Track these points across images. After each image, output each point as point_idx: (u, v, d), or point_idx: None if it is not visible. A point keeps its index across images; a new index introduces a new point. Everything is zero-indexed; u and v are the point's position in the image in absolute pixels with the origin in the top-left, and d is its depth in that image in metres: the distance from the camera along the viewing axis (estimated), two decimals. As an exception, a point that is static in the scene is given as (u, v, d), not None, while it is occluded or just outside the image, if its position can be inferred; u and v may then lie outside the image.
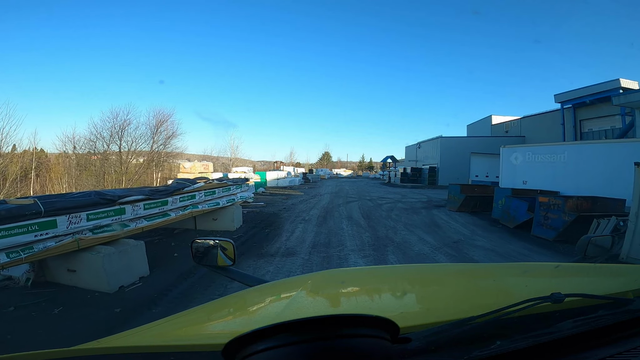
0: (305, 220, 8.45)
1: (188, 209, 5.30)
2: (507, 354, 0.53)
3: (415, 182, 27.16)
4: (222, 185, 6.60)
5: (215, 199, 6.30)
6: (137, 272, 3.93)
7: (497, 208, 9.32)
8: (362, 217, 9.17)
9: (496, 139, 27.97)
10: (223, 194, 6.65)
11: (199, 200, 5.61)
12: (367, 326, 0.45)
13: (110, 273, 3.52)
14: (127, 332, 0.85)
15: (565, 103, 22.82)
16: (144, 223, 4.15)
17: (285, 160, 47.17)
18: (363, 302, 0.97)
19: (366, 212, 10.12)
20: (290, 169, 27.66)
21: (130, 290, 3.75)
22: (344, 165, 65.59)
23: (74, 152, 15.18)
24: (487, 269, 1.69)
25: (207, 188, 5.99)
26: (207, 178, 6.56)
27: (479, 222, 8.90)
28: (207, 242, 1.37)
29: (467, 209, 10.76)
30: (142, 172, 16.34)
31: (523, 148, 11.16)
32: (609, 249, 1.55)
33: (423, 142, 31.08)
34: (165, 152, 18.27)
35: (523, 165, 11.05)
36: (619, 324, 0.62)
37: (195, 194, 5.48)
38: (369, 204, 12.36)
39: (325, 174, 41.83)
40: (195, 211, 5.56)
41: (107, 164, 15.29)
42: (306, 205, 11.74)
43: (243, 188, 7.93)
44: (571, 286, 1.06)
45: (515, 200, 8.12)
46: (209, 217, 6.92)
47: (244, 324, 0.89)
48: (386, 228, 7.63)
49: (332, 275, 1.32)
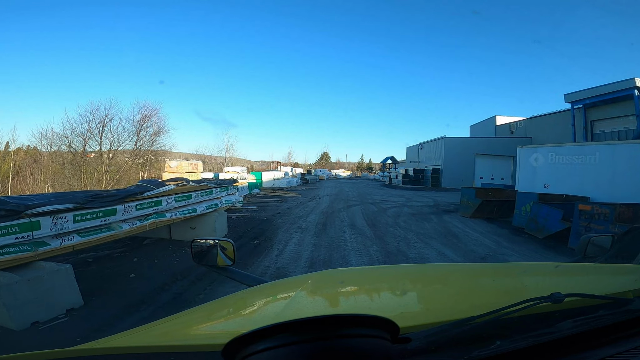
0: (302, 228, 7.31)
1: (150, 218, 4.16)
2: (507, 354, 0.52)
3: (418, 184, 26.08)
4: (200, 188, 5.46)
5: (191, 205, 5.16)
6: (62, 303, 2.89)
7: (520, 215, 8.23)
8: (367, 224, 8.04)
9: (501, 140, 27.08)
10: (202, 198, 5.51)
11: (166, 208, 4.47)
12: (367, 326, 0.45)
13: (13, 307, 2.48)
14: (127, 332, 0.84)
15: (576, 103, 21.85)
16: (75, 240, 3.02)
17: (283, 161, 46.24)
18: (363, 302, 0.96)
19: (370, 218, 9.00)
20: (288, 169, 26.52)
21: (48, 327, 2.72)
22: (342, 166, 64.61)
23: (51, 150, 13.99)
24: (487, 269, 1.68)
25: (180, 192, 4.85)
26: (185, 179, 5.45)
27: (500, 231, 7.81)
28: (207, 242, 1.37)
29: (482, 215, 9.67)
30: (125, 171, 15.10)
31: (545, 148, 10.07)
32: (609, 249, 1.43)
33: (425, 142, 30.04)
34: (153, 150, 17.13)
35: (545, 167, 9.96)
36: (619, 324, 0.62)
37: (162, 199, 4.34)
38: (372, 208, 11.24)
39: (323, 174, 40.73)
40: (161, 221, 4.41)
41: (86, 163, 14.01)
42: (304, 209, 10.60)
43: (230, 191, 6.79)
44: (571, 286, 1.06)
45: (546, 207, 7.02)
46: (186, 226, 5.79)
47: (244, 324, 0.88)
48: (396, 239, 6.52)
49: (332, 275, 1.31)
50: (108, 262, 4.61)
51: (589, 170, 8.68)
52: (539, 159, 10.10)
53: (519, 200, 8.38)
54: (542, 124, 25.42)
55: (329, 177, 42.26)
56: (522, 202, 8.22)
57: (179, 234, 5.93)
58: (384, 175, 38.80)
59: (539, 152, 10.14)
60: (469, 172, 25.29)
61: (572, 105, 21.79)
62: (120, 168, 15.12)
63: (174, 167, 11.64)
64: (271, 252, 5.27)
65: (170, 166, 11.81)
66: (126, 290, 3.59)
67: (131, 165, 15.83)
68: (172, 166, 11.75)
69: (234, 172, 12.71)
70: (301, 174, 30.00)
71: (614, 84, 19.60)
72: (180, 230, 5.88)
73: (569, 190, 8.74)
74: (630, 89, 18.43)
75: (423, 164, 29.24)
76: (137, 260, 4.75)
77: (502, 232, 7.70)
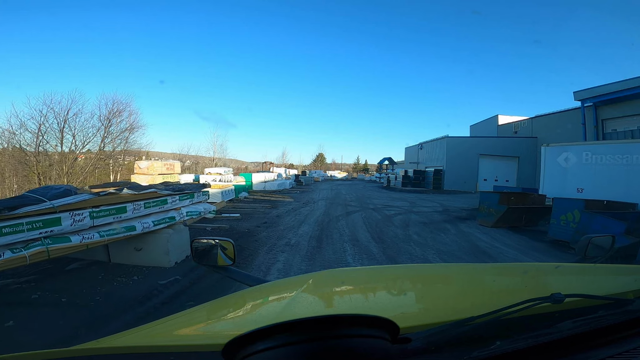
0: (291, 245, 5.73)
1: (35, 246, 2.54)
2: (507, 354, 0.52)
3: (418, 186, 24.65)
4: (143, 197, 3.85)
5: (125, 222, 3.55)
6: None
7: (558, 225, 6.76)
8: (372, 238, 6.49)
9: (505, 140, 25.84)
10: (148, 210, 3.91)
11: (73, 229, 2.86)
12: (367, 326, 0.45)
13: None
14: (127, 332, 0.83)
15: (586, 101, 20.66)
16: None
17: (277, 162, 44.55)
18: (363, 302, 0.96)
19: (375, 229, 7.45)
20: (282, 171, 24.92)
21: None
22: (338, 167, 63.16)
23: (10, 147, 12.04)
24: (487, 269, 1.65)
25: (104, 203, 3.24)
26: (134, 185, 3.87)
27: (537, 246, 6.34)
28: (207, 242, 1.36)
29: (505, 224, 8.21)
30: (89, 173, 13.19)
31: (578, 146, 8.65)
32: (609, 249, 1.37)
33: (425, 142, 28.67)
34: (126, 149, 15.21)
35: (577, 168, 8.55)
36: (619, 324, 0.62)
37: (62, 216, 2.74)
38: (375, 215, 9.70)
39: (319, 176, 39.12)
40: (60, 248, 2.77)
41: (41, 164, 12.10)
42: (295, 217, 9.01)
43: (197, 198, 5.18)
44: (571, 286, 1.07)
45: (600, 217, 5.56)
46: (130, 246, 4.20)
47: (244, 324, 0.87)
48: (413, 260, 4.99)
49: (332, 275, 1.29)
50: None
51: (637, 172, 7.27)
52: (570, 158, 8.69)
53: (556, 208, 6.91)
54: (548, 123, 24.22)
55: (325, 179, 40.67)
56: (560, 210, 6.76)
57: (122, 255, 4.33)
58: (381, 176, 37.36)
59: (571, 151, 8.72)
60: (471, 174, 23.97)
61: (582, 104, 20.60)
62: (84, 169, 13.20)
63: (144, 168, 9.93)
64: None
65: (140, 167, 10.07)
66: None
67: (95, 166, 13.85)
68: (142, 167, 10.01)
69: (217, 173, 11.01)
70: (295, 175, 28.44)
71: (627, 81, 18.44)
72: (121, 252, 4.28)
73: (611, 195, 7.32)
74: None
75: (423, 165, 27.86)
76: (37, 297, 3.16)
77: (540, 247, 6.22)
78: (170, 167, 10.93)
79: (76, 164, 13.24)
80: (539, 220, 8.61)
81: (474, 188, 23.09)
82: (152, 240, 4.20)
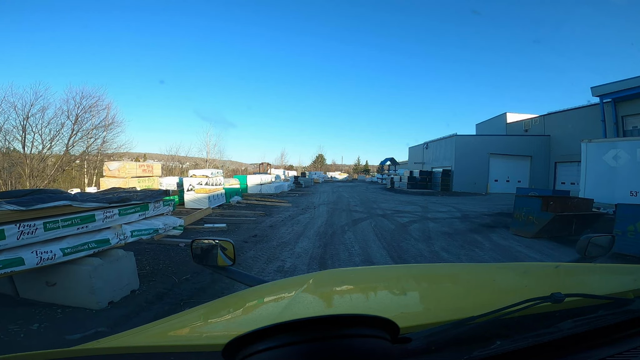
0: (284, 272, 4.27)
1: None
2: (507, 354, 0.52)
3: (425, 188, 23.23)
4: (37, 214, 2.39)
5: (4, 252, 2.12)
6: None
7: (625, 237, 5.34)
8: (391, 257, 5.05)
9: (516, 139, 24.39)
10: (50, 234, 2.47)
11: None
12: (367, 326, 0.44)
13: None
14: (127, 332, 0.82)
15: (605, 97, 19.30)
16: None
17: (276, 163, 43.12)
18: (363, 302, 0.96)
19: (391, 243, 6.01)
20: (280, 172, 23.46)
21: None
22: (338, 168, 61.80)
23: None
24: (487, 269, 1.64)
25: None
26: (38, 191, 2.47)
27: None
28: (207, 242, 1.35)
29: (548, 234, 6.79)
30: (56, 176, 11.67)
31: (631, 142, 7.22)
32: (608, 249, 1.37)
33: (431, 141, 27.22)
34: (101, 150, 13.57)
35: (630, 168, 7.13)
36: (619, 324, 0.62)
37: None
38: (386, 224, 8.25)
39: (319, 177, 37.65)
40: None
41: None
42: (292, 228, 7.55)
43: (153, 211, 3.74)
44: (571, 286, 1.06)
45: None
46: (41, 279, 2.79)
47: (244, 324, 0.87)
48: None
49: (333, 275, 1.29)
50: None
51: None
52: (620, 156, 7.25)
53: (621, 216, 5.49)
54: (562, 120, 22.80)
55: (325, 180, 39.24)
56: (628, 219, 5.35)
57: (32, 290, 2.95)
58: (383, 177, 35.90)
59: (621, 147, 7.28)
60: (481, 174, 22.52)
61: (601, 100, 19.22)
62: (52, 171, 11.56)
63: (114, 170, 8.45)
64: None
65: (110, 169, 8.57)
66: None
67: (63, 168, 12.25)
68: (112, 169, 8.52)
69: (203, 175, 9.54)
70: (294, 177, 27.02)
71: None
72: (34, 285, 2.87)
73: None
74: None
75: (428, 165, 26.43)
76: None
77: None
78: (148, 169, 9.46)
79: (43, 165, 11.69)
80: (585, 229, 7.19)
81: (485, 189, 21.67)
82: (69, 273, 2.76)
